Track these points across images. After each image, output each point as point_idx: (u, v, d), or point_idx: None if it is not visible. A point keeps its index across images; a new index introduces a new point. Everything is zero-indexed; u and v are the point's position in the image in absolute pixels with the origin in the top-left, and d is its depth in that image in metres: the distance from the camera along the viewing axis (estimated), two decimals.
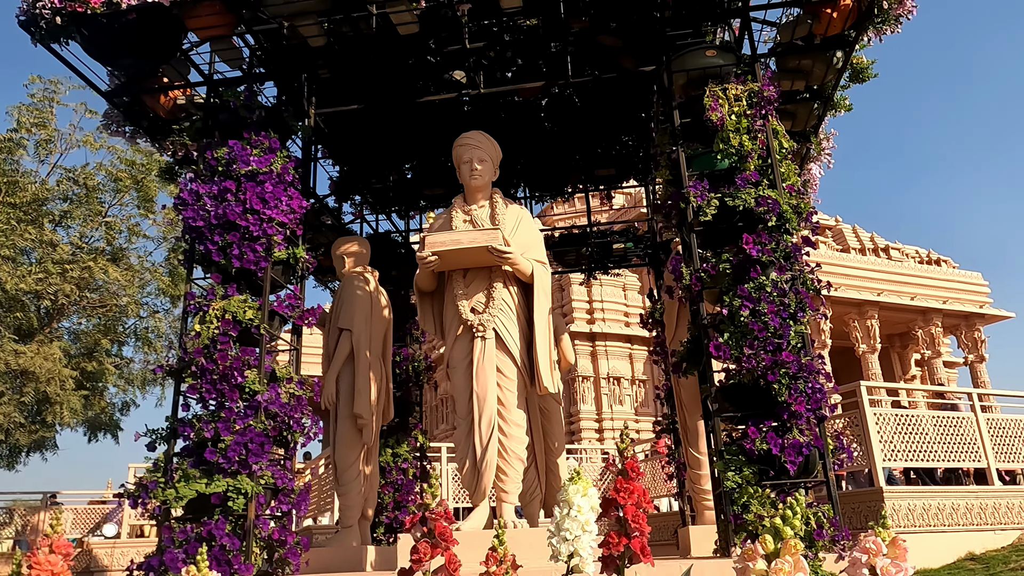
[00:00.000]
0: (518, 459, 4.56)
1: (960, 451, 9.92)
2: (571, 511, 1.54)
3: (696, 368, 4.55)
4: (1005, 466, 10.34)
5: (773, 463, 3.92)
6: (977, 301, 23.87)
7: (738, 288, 4.08)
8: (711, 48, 4.83)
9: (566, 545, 1.54)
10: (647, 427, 24.41)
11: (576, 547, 1.52)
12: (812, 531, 3.67)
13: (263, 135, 4.93)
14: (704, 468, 5.39)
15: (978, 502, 9.48)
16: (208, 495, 4.22)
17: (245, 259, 4.62)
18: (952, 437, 9.94)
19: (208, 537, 4.13)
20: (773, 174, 4.46)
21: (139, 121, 5.60)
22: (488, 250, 4.54)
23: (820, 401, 3.91)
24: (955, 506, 9.28)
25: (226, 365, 4.38)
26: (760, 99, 4.49)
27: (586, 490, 1.55)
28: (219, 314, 4.56)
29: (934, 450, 9.66)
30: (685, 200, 4.45)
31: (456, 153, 5.08)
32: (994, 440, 10.18)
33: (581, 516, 1.53)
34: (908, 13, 4.85)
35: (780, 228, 4.24)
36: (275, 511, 4.44)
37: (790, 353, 3.95)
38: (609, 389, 24.31)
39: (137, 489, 4.39)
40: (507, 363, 4.66)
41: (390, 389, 6.33)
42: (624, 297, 25.50)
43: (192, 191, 4.75)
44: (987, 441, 10.07)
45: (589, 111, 7.00)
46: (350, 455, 5.87)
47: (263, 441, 4.32)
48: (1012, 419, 10.70)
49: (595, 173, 7.93)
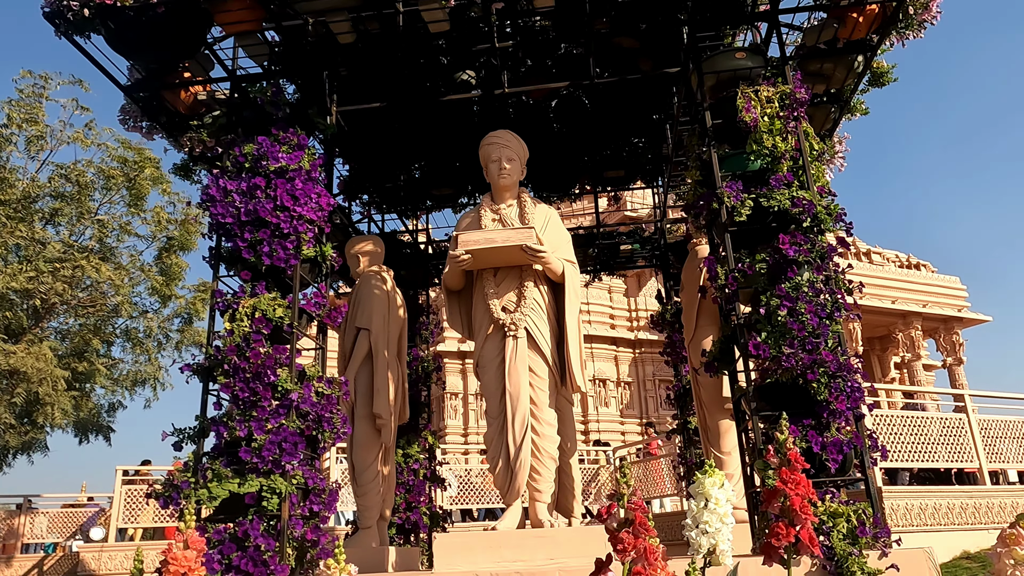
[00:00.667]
0: (551, 458, 4.56)
1: (952, 452, 10.10)
2: (709, 504, 1.54)
3: (728, 367, 4.58)
4: (992, 466, 10.52)
5: (812, 461, 3.95)
6: (955, 305, 24.31)
7: (776, 288, 4.12)
8: (741, 50, 4.87)
9: (706, 538, 1.54)
10: (633, 429, 24.52)
11: (716, 540, 1.52)
12: (855, 528, 3.71)
13: (291, 132, 4.89)
14: (727, 467, 5.42)
15: (972, 502, 9.64)
16: (241, 495, 4.17)
17: (275, 256, 4.57)
18: (944, 438, 10.11)
19: (243, 537, 4.07)
20: (804, 175, 4.51)
21: (157, 117, 5.51)
22: (522, 249, 4.54)
23: (858, 399, 3.96)
24: (951, 506, 9.44)
25: (259, 363, 4.32)
26: (792, 101, 4.54)
27: (722, 482, 1.55)
28: (249, 312, 4.51)
29: (924, 450, 9.82)
30: (719, 200, 4.47)
31: (484, 152, 5.07)
32: (985, 441, 10.37)
33: (720, 508, 1.53)
34: (932, 19, 4.93)
35: (814, 229, 4.28)
36: (305, 511, 4.39)
37: (828, 352, 3.99)
38: (595, 391, 24.39)
39: (167, 489, 4.32)
40: (539, 362, 4.66)
41: (406, 389, 6.29)
42: (610, 300, 25.62)
43: (221, 187, 4.69)
44: (979, 442, 10.26)
45: (599, 113, 7.02)
46: (368, 456, 5.83)
47: (296, 440, 4.28)
48: (1000, 420, 10.93)
49: (604, 175, 7.95)
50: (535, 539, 4.20)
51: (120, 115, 5.62)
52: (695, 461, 6.97)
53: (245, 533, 4.08)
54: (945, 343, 24.34)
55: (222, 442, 4.27)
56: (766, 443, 4.20)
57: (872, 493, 3.97)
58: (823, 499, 4.00)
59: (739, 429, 4.56)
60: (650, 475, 13.78)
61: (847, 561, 3.56)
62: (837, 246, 4.24)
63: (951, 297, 24.37)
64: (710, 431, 5.60)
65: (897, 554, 3.65)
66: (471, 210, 5.14)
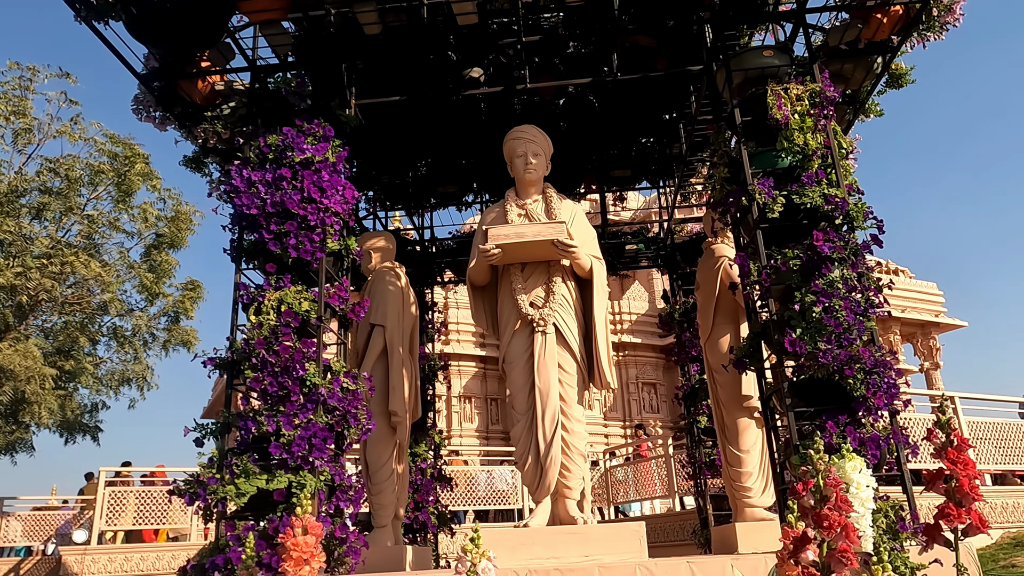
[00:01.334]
0: (580, 455, 4.53)
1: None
2: (851, 488, 1.52)
3: (757, 365, 4.58)
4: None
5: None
6: (933, 310, 24.73)
7: (812, 284, 4.13)
8: (768, 48, 4.89)
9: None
10: (616, 431, 24.58)
11: (860, 524, 1.50)
12: (895, 524, 3.72)
13: (316, 123, 4.81)
14: (746, 465, 5.42)
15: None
16: (270, 491, 4.08)
17: (302, 249, 4.49)
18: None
19: (272, 534, 3.98)
20: (835, 173, 4.53)
21: (171, 106, 5.40)
22: (554, 244, 4.50)
23: (895, 395, 3.98)
24: (931, 507, 9.54)
25: (288, 357, 4.24)
26: (823, 99, 4.56)
27: (862, 467, 1.53)
28: (275, 305, 4.42)
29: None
30: (750, 197, 4.48)
31: (509, 147, 5.03)
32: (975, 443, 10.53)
33: (862, 492, 1.51)
34: (956, 20, 4.99)
35: (845, 226, 4.31)
36: (331, 508, 4.31)
37: (864, 348, 4.00)
38: None
39: (192, 486, 4.21)
40: (567, 358, 4.63)
41: (419, 386, 6.23)
42: None
43: (245, 178, 4.60)
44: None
45: (608, 112, 7.01)
46: (383, 454, 5.75)
47: (326, 436, 4.20)
48: (983, 422, 11.12)
49: (610, 174, 7.94)
50: (568, 535, 4.16)
51: (133, 104, 5.50)
52: (704, 460, 6.97)
53: (276, 530, 3.99)
54: (922, 347, 24.74)
55: (249, 437, 4.17)
56: (801, 439, 4.22)
57: (908, 488, 3.98)
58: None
59: (768, 426, 4.56)
60: (640, 477, 13.80)
61: (889, 556, 3.56)
62: (870, 242, 4.26)
63: (928, 303, 24.79)
64: (728, 429, 5.60)
65: (938, 550, 3.66)
66: (496, 205, 5.09)
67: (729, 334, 5.76)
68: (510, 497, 14.23)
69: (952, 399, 11.07)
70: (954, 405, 10.85)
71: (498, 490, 14.41)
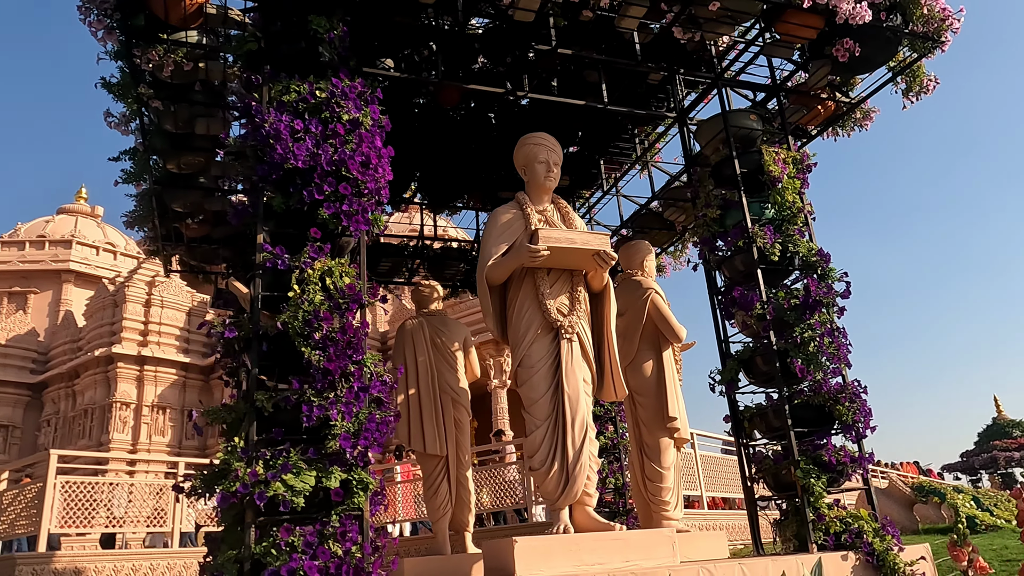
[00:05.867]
0: (597, 463, 4.62)
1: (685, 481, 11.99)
2: None
3: (736, 391, 5.14)
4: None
5: (828, 470, 4.66)
6: None
7: (813, 323, 4.80)
8: (753, 112, 5.59)
9: None
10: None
11: None
12: (879, 528, 4.46)
13: (360, 81, 4.31)
14: (666, 481, 5.86)
15: (700, 522, 11.50)
16: (328, 489, 3.51)
17: (355, 217, 3.98)
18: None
19: (341, 539, 3.43)
20: (808, 230, 5.33)
21: (134, 11, 4.40)
22: (598, 254, 4.59)
23: (867, 418, 4.77)
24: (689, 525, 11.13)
25: (349, 338, 3.71)
26: (804, 166, 5.36)
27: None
28: (317, 277, 3.84)
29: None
30: (751, 240, 5.07)
31: (529, 151, 4.99)
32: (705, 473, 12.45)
33: None
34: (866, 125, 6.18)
35: (827, 275, 5.09)
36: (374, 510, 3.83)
37: (852, 380, 4.77)
38: None
39: (213, 479, 3.44)
40: (585, 368, 4.70)
41: None
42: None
43: (289, 125, 3.95)
44: (701, 474, 12.31)
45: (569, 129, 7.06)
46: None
47: (384, 429, 3.75)
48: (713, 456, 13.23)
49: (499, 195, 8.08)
50: (610, 541, 4.20)
51: (81, 2, 4.37)
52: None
53: (344, 534, 3.45)
54: None
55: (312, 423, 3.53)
56: (775, 460, 4.84)
57: (872, 498, 4.78)
58: (836, 504, 4.73)
59: (737, 444, 5.12)
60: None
61: (887, 555, 4.27)
62: (846, 291, 5.08)
63: None
64: (649, 448, 6.01)
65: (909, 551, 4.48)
66: (508, 206, 4.96)
67: (651, 360, 6.24)
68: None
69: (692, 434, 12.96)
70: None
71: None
